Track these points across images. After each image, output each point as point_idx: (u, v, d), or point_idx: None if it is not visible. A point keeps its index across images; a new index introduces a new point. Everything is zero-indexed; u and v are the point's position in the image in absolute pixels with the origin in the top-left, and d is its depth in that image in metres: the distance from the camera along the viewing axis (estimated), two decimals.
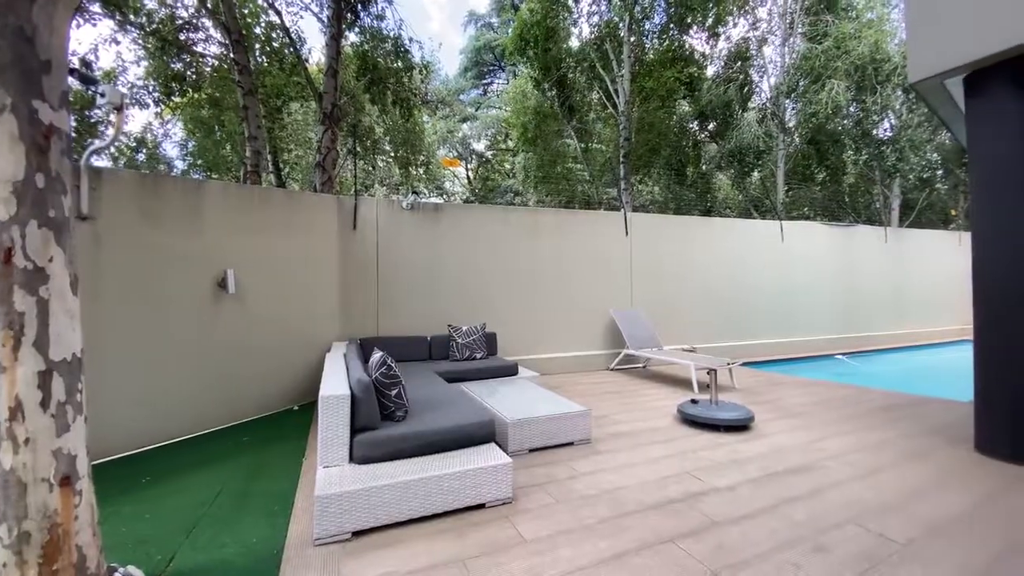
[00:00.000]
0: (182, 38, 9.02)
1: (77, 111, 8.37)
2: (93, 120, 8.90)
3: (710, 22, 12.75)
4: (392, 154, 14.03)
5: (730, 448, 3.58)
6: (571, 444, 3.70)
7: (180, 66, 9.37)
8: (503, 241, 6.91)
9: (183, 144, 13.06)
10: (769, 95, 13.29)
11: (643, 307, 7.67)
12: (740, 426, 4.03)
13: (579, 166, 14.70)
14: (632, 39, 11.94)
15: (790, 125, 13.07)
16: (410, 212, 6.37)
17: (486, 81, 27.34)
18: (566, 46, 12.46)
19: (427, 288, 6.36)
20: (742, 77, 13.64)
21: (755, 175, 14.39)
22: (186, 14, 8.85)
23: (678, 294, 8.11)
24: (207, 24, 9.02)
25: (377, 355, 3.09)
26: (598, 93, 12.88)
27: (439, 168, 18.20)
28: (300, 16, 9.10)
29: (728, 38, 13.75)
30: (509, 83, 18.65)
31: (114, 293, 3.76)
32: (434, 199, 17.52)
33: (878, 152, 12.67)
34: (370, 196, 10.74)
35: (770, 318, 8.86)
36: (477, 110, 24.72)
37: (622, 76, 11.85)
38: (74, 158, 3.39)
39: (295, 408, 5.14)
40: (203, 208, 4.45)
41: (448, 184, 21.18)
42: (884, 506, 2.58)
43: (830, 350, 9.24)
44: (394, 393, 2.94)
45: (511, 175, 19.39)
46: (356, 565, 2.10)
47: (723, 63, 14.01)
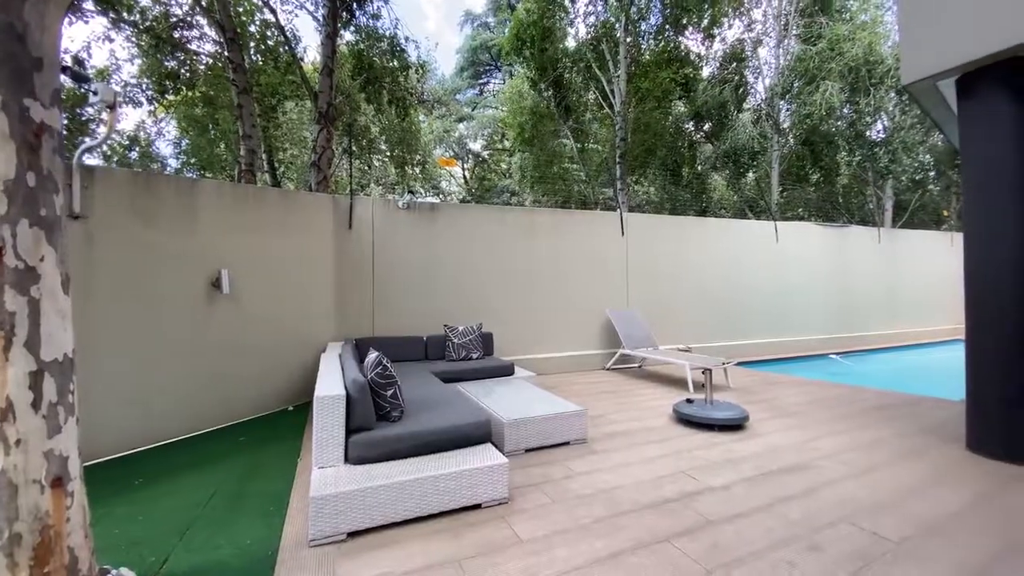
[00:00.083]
0: (176, 36, 8.96)
1: (68, 109, 8.29)
2: (84, 118, 8.81)
3: (705, 23, 12.82)
4: (388, 153, 14.01)
5: (725, 447, 3.59)
6: (567, 444, 3.71)
7: (174, 64, 9.31)
8: (499, 241, 6.91)
9: (177, 142, 12.98)
10: (764, 96, 13.37)
11: (639, 307, 7.69)
12: (735, 425, 4.05)
13: (575, 166, 14.72)
14: (628, 40, 11.97)
15: (784, 126, 13.16)
16: (406, 212, 6.36)
17: (482, 81, 27.34)
18: (562, 46, 12.47)
19: (423, 288, 6.34)
20: (737, 78, 13.72)
21: (750, 176, 14.48)
22: (180, 12, 8.79)
23: (674, 294, 8.14)
24: (202, 22, 8.96)
25: (373, 355, 3.08)
26: (594, 93, 12.91)
27: (435, 168, 18.17)
28: (295, 14, 9.05)
29: (723, 39, 13.85)
30: (505, 83, 18.65)
31: (107, 293, 3.72)
32: (430, 199, 17.50)
33: (871, 153, 12.78)
34: (366, 196, 10.72)
35: (765, 318, 8.91)
36: (473, 110, 24.70)
37: (618, 76, 11.89)
38: (66, 156, 3.36)
39: (290, 408, 5.12)
40: (197, 207, 4.41)
41: (444, 184, 21.17)
42: (878, 505, 2.60)
43: (824, 350, 9.30)
44: (390, 393, 2.93)
45: (507, 175, 19.40)
46: (351, 566, 2.09)
47: (718, 64, 14.10)
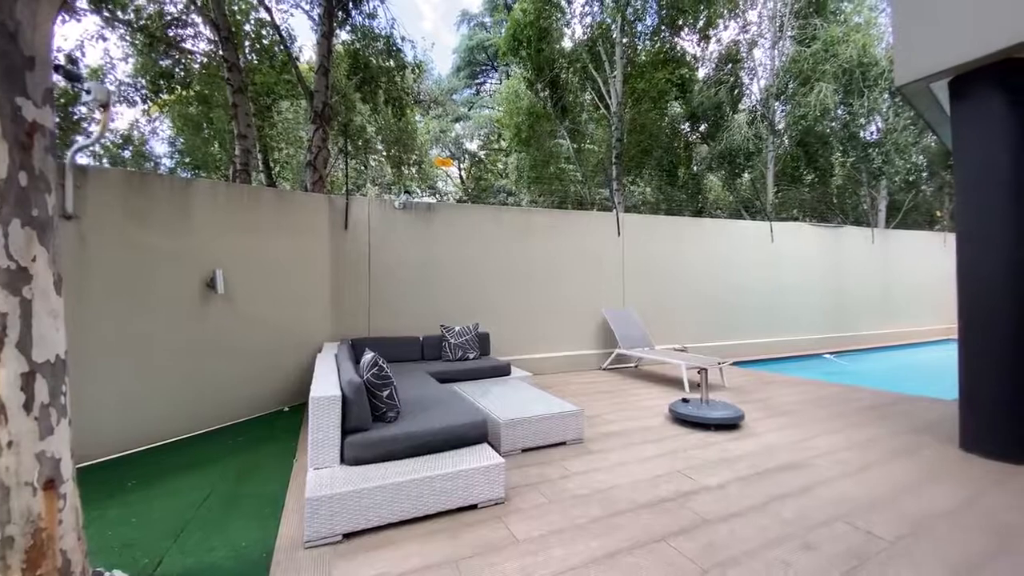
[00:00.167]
0: (171, 34, 8.90)
1: (61, 108, 8.22)
2: (76, 117, 8.74)
3: (701, 24, 12.86)
4: (384, 153, 13.97)
5: (721, 447, 3.61)
6: (563, 444, 3.71)
7: (169, 63, 9.25)
8: (496, 241, 6.91)
9: (171, 141, 12.90)
10: (759, 97, 13.44)
11: (635, 307, 7.71)
12: (730, 425, 4.07)
13: (572, 167, 14.74)
14: (624, 40, 12.00)
15: (779, 127, 13.22)
16: (402, 212, 6.34)
17: (479, 81, 27.35)
18: (559, 47, 12.48)
19: (420, 288, 6.33)
20: (732, 79, 13.78)
21: (745, 176, 14.54)
22: (175, 10, 8.74)
23: (670, 294, 8.17)
24: (197, 20, 8.91)
25: (368, 355, 3.07)
26: (591, 94, 12.93)
27: (432, 168, 18.14)
28: (290, 14, 9.03)
29: (719, 40, 13.89)
30: (502, 83, 18.65)
31: (100, 293, 3.70)
32: (427, 199, 17.45)
33: (865, 154, 12.87)
34: (362, 196, 10.68)
35: (760, 318, 8.95)
36: (470, 110, 24.69)
37: (614, 77, 11.91)
38: (59, 156, 3.33)
39: (285, 409, 5.09)
40: (191, 207, 4.39)
41: (441, 184, 21.14)
42: (872, 504, 2.62)
43: (819, 349, 9.36)
44: (385, 394, 2.92)
45: (504, 175, 19.39)
46: (347, 567, 2.09)
47: (714, 65, 14.15)
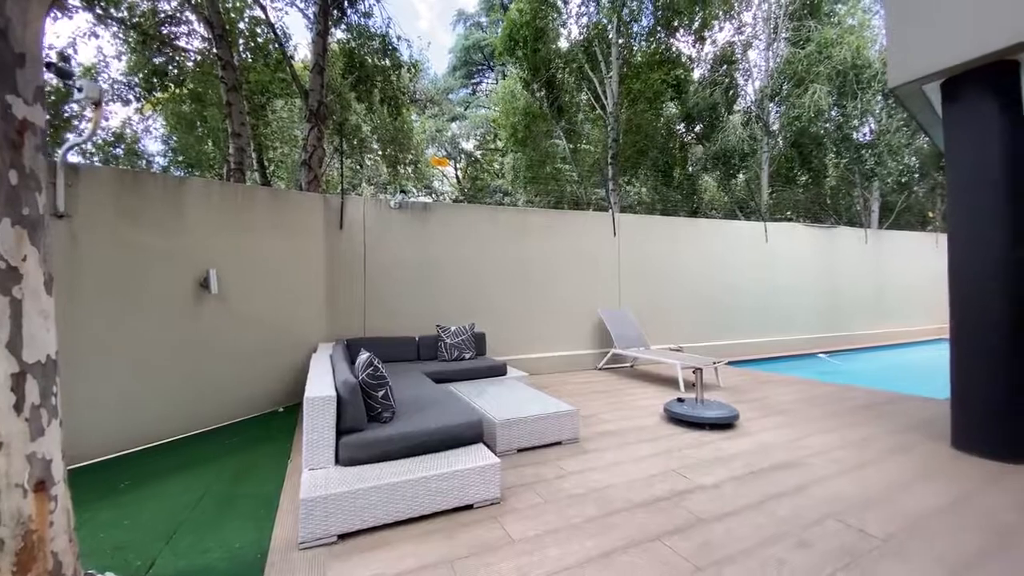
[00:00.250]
0: (164, 32, 8.82)
1: (52, 105, 8.13)
2: (68, 115, 8.65)
3: (696, 25, 12.92)
4: (380, 153, 13.93)
5: (715, 446, 3.62)
6: (559, 443, 3.71)
7: (162, 61, 9.17)
8: (492, 241, 6.90)
9: (165, 140, 12.79)
10: (754, 98, 13.51)
11: (631, 307, 7.73)
12: (725, 424, 4.08)
13: (568, 167, 14.75)
14: (620, 41, 12.03)
15: (774, 128, 13.30)
16: (398, 211, 6.33)
17: (475, 80, 27.33)
18: (555, 47, 12.49)
19: (415, 288, 6.31)
20: (727, 80, 13.84)
21: (740, 177, 14.61)
22: (168, 7, 8.67)
23: (665, 294, 8.20)
24: (190, 18, 8.84)
25: (364, 356, 3.06)
26: (587, 94, 12.95)
27: (428, 167, 18.10)
28: (285, 12, 8.97)
29: (714, 42, 13.95)
30: (498, 83, 18.65)
31: (91, 293, 3.66)
32: (423, 198, 17.44)
33: (857, 156, 12.97)
34: (357, 195, 10.62)
35: (755, 317, 9.00)
36: (466, 109, 24.67)
37: (610, 78, 11.94)
38: (50, 154, 3.29)
39: (280, 410, 5.07)
40: (185, 206, 4.36)
41: (437, 183, 21.09)
42: (865, 502, 2.64)
43: (812, 349, 9.42)
44: (381, 394, 2.91)
45: (500, 175, 19.38)
46: (342, 568, 2.08)
47: (709, 66, 14.20)
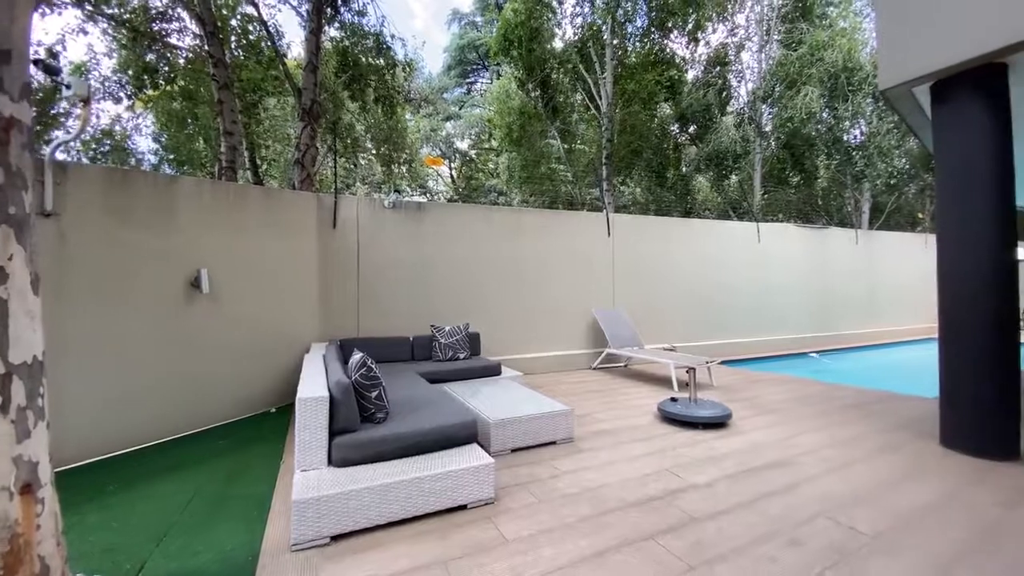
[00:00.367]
0: (155, 29, 8.72)
1: (39, 103, 8.01)
2: (55, 112, 8.53)
3: (690, 27, 12.97)
4: (374, 152, 13.86)
5: (708, 445, 3.65)
6: (553, 443, 3.72)
7: (153, 58, 9.06)
8: (486, 241, 6.90)
9: (156, 137, 12.65)
10: (746, 100, 13.61)
11: (625, 307, 7.76)
12: (718, 423, 4.11)
13: (562, 167, 14.77)
14: (615, 42, 12.06)
15: (766, 130, 13.41)
16: (392, 211, 6.30)
17: (470, 80, 27.30)
18: (550, 47, 12.50)
19: (409, 288, 6.29)
20: (721, 82, 13.94)
21: (733, 178, 14.72)
22: (159, 4, 8.57)
23: (659, 294, 8.23)
24: (182, 15, 8.75)
25: (357, 356, 3.04)
26: (581, 94, 12.97)
27: (422, 167, 18.04)
28: (278, 9, 8.91)
29: (708, 43, 14.03)
30: (493, 82, 18.63)
31: (80, 292, 3.61)
32: (417, 198, 17.38)
33: (848, 158, 13.11)
34: (351, 194, 10.58)
35: (747, 317, 9.07)
36: (461, 109, 24.63)
37: (604, 78, 11.97)
38: (37, 152, 3.25)
39: (272, 410, 5.03)
40: (175, 205, 4.31)
41: (431, 183, 21.03)
42: (855, 499, 2.67)
43: (804, 348, 9.51)
44: (374, 395, 2.90)
45: (495, 175, 19.37)
46: (335, 569, 2.07)
47: (703, 68, 14.29)
